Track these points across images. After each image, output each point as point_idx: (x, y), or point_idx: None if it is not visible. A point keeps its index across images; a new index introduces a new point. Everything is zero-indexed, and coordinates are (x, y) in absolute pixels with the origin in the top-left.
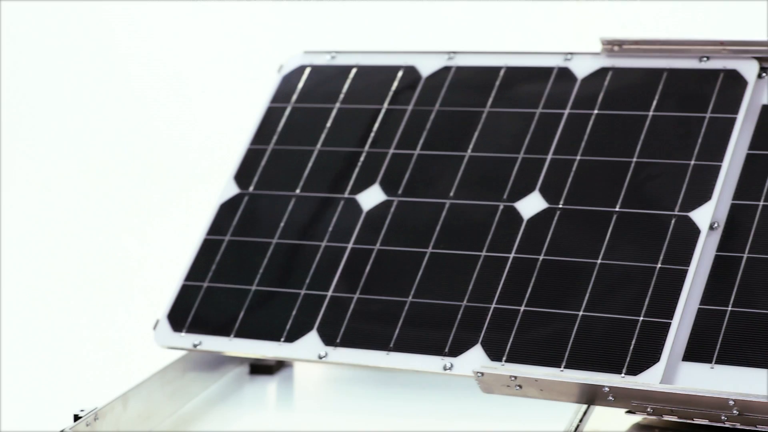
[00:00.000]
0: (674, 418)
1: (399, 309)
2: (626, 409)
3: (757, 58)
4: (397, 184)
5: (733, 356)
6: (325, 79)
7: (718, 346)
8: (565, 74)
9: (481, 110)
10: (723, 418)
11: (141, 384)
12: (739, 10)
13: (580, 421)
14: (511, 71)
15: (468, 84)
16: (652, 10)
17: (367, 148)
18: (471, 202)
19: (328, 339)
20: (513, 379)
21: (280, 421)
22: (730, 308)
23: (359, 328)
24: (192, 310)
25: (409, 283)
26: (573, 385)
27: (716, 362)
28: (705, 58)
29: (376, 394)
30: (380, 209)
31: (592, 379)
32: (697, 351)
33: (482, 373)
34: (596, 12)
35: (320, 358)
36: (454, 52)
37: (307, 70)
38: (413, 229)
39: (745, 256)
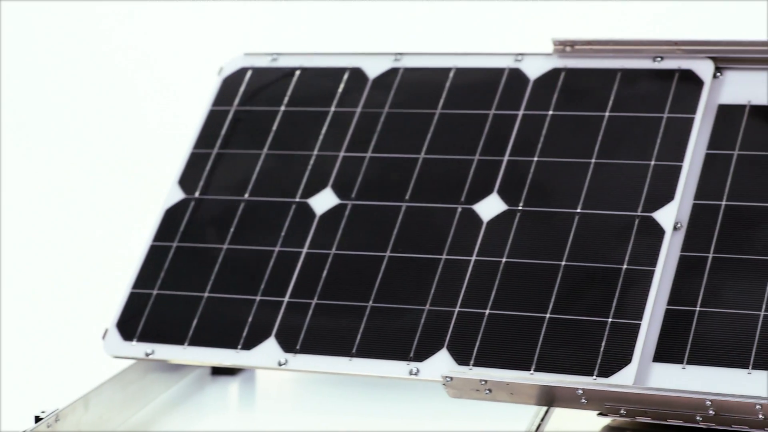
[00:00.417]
0: (648, 420)
1: (360, 314)
2: (598, 412)
3: (712, 58)
4: (350, 188)
5: (704, 356)
6: (267, 81)
7: (688, 347)
8: (516, 75)
9: (433, 112)
10: (698, 418)
11: (102, 385)
12: (692, 9)
13: (542, 420)
14: (461, 72)
15: (417, 86)
16: (604, 10)
17: (316, 151)
18: (428, 205)
19: (288, 345)
20: (483, 383)
21: (243, 422)
22: (698, 308)
23: (319, 334)
24: (142, 319)
25: (368, 288)
26: (545, 388)
27: (688, 363)
28: (659, 58)
29: (339, 394)
30: (334, 213)
31: (565, 381)
32: (667, 352)
33: (451, 378)
34: (546, 12)
35: (280, 365)
36: (401, 54)
37: (249, 73)
38: (370, 233)
39: (711, 256)
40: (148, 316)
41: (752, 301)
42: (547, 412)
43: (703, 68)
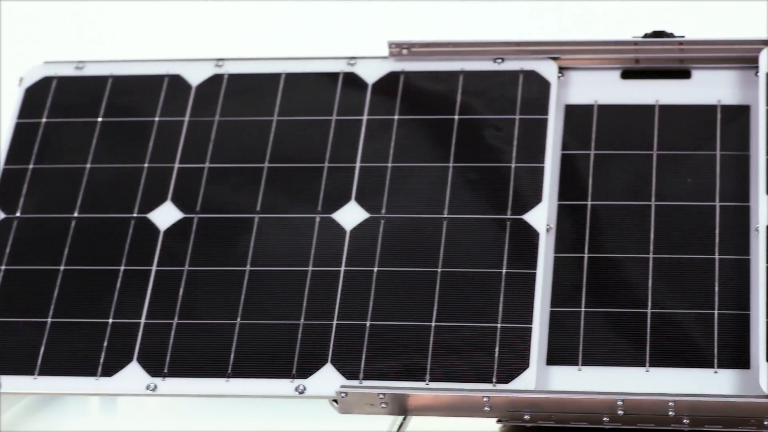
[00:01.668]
0: (550, 424)
1: (229, 332)
2: (497, 419)
3: (554, 59)
4: (193, 201)
5: (598, 357)
6: (77, 91)
7: (581, 348)
8: (353, 79)
9: (270, 119)
10: (605, 419)
11: None
12: (533, 9)
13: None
14: (293, 78)
15: (246, 92)
16: (440, 10)
17: (147, 163)
18: (283, 216)
19: (154, 370)
20: (381, 396)
21: (104, 425)
22: (583, 309)
23: (187, 355)
24: None
25: (233, 305)
26: (449, 397)
27: (582, 364)
28: (500, 60)
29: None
30: (179, 228)
31: (470, 390)
32: (560, 354)
33: (346, 393)
34: (377, 13)
35: (150, 390)
36: (222, 59)
37: (54, 82)
38: (223, 247)
39: (586, 256)
40: None
41: (634, 299)
42: (404, 419)
43: (547, 69)
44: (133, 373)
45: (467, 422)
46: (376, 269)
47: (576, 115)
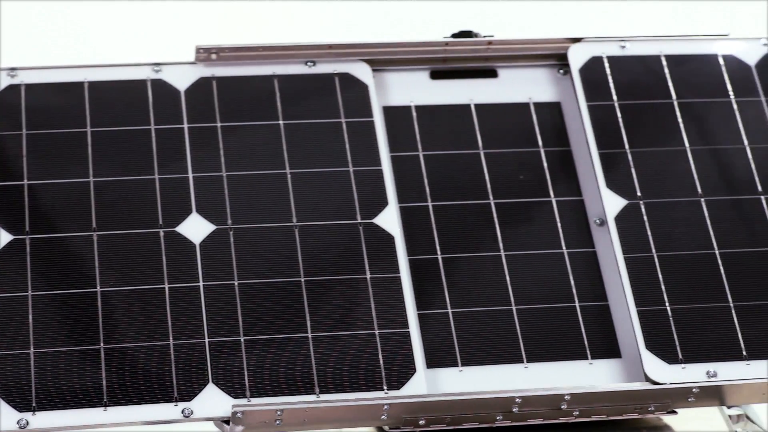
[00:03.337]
0: (443, 427)
1: (93, 357)
2: (389, 426)
3: (366, 61)
4: (19, 220)
5: (477, 356)
6: None
7: (457, 349)
8: (162, 87)
9: (83, 131)
10: (499, 417)
11: None
12: (343, 11)
13: None
14: (97, 86)
15: (52, 103)
16: (248, 12)
17: None
18: (123, 232)
19: (21, 405)
20: (279, 413)
21: None
22: (450, 310)
23: (54, 387)
24: None
25: (90, 328)
26: (346, 408)
27: (463, 365)
28: (311, 63)
29: None
30: (9, 251)
31: (368, 399)
32: (438, 356)
33: (243, 412)
34: (181, 16)
35: (21, 427)
36: (14, 68)
37: None
38: (65, 269)
39: (440, 257)
40: None
41: (497, 296)
42: None
43: (361, 71)
44: None
45: None
46: (237, 282)
47: (395, 116)
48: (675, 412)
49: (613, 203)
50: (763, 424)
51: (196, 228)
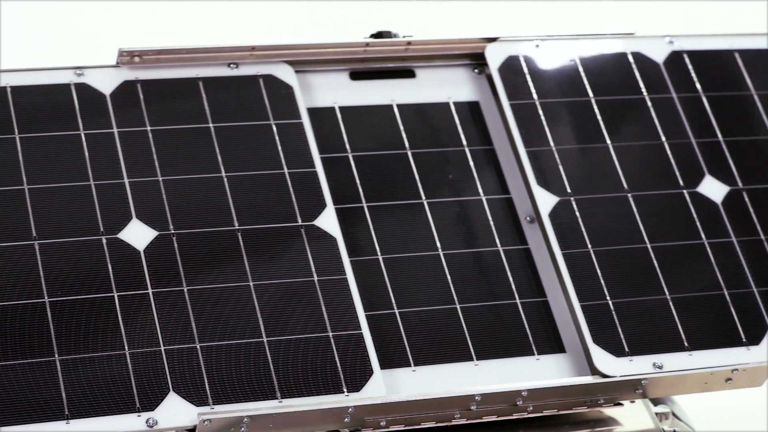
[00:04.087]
0: (401, 427)
1: (49, 370)
2: (349, 429)
3: (288, 62)
4: None
5: (428, 356)
6: None
7: (407, 349)
8: (86, 91)
9: (11, 137)
10: (456, 415)
11: None
12: (264, 12)
13: None
14: (19, 91)
15: None
16: (169, 15)
17: None
18: (67, 240)
19: None
20: (247, 420)
21: None
22: (396, 311)
23: (10, 399)
24: None
25: (41, 340)
26: (313, 413)
27: (415, 365)
28: (234, 65)
29: None
30: None
31: (334, 402)
32: (390, 357)
33: (210, 420)
34: (104, 18)
35: None
36: None
37: None
38: (12, 280)
39: (380, 257)
40: None
41: (440, 295)
42: None
43: (284, 72)
44: None
45: None
46: (186, 288)
47: (320, 118)
48: (621, 404)
49: (545, 200)
50: (689, 421)
51: (138, 234)
